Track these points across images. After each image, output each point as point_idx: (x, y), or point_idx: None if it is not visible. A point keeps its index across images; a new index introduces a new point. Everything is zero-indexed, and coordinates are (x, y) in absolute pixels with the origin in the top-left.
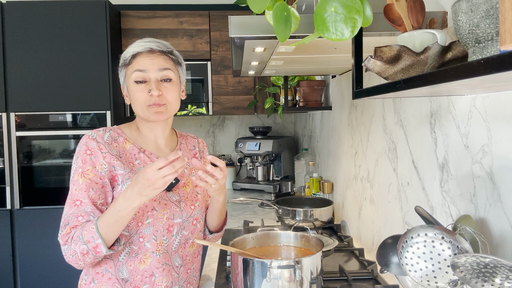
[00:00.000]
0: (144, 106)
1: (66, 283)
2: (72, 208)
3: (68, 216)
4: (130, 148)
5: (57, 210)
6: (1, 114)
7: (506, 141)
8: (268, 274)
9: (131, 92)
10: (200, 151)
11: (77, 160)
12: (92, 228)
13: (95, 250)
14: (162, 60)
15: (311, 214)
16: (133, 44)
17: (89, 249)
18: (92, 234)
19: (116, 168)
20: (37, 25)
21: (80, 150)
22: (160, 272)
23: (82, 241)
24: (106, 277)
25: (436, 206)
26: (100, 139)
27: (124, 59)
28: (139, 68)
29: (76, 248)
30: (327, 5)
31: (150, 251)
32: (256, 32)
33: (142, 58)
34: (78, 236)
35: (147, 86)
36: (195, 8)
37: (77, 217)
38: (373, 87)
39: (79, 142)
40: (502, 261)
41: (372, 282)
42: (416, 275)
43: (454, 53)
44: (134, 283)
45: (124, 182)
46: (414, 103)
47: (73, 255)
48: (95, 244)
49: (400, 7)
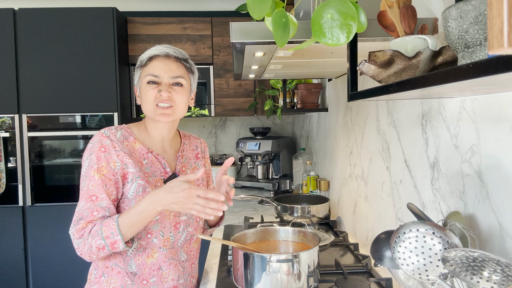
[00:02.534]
0: (153, 104)
1: (76, 276)
2: (88, 203)
3: (83, 210)
4: (139, 148)
5: (67, 206)
6: (14, 115)
7: (493, 141)
8: (267, 268)
9: (143, 91)
10: (202, 151)
11: (90, 156)
12: (113, 225)
13: (113, 246)
14: (175, 67)
15: (308, 210)
16: (151, 48)
17: (106, 244)
18: (112, 231)
19: (128, 166)
20: (47, 30)
21: (94, 147)
22: (167, 265)
23: (100, 236)
24: (115, 271)
25: (427, 203)
26: (113, 137)
27: (141, 60)
28: (153, 71)
29: (92, 242)
30: (323, 12)
31: (157, 247)
32: (256, 37)
33: (158, 62)
34: (97, 231)
35: (158, 87)
36: (198, 15)
37: (92, 212)
38: (367, 89)
39: (92, 139)
40: (490, 255)
41: (366, 275)
42: (408, 268)
43: (445, 58)
44: (143, 276)
45: (134, 180)
46: (406, 105)
47: (88, 248)
48: (113, 240)
49: (393, 13)
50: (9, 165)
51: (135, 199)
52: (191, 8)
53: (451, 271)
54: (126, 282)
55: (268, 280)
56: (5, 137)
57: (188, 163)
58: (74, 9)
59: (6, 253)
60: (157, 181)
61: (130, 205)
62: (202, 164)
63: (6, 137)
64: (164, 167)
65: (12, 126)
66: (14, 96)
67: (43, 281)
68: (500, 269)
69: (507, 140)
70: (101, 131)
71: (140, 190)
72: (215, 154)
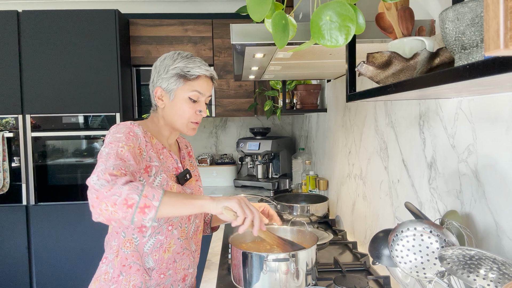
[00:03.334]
0: (187, 121)
1: (80, 275)
2: (117, 161)
3: (111, 165)
4: (156, 143)
5: (70, 205)
6: (18, 116)
7: (490, 141)
8: (264, 267)
9: (180, 105)
10: (191, 149)
11: (116, 134)
12: (159, 191)
13: (143, 210)
14: (211, 87)
15: (307, 209)
16: (196, 64)
17: (139, 203)
18: (155, 193)
19: (152, 159)
20: (51, 32)
21: (122, 129)
22: (181, 256)
23: (138, 192)
24: (134, 269)
25: (425, 202)
26: (138, 129)
27: (187, 73)
28: (201, 90)
29: (124, 191)
30: (322, 14)
31: (176, 237)
32: (256, 39)
33: (204, 82)
34: (137, 186)
35: (197, 105)
36: (199, 16)
37: (120, 169)
38: (366, 90)
39: (115, 126)
40: (486, 254)
41: (364, 273)
42: (406, 266)
43: (442, 59)
44: (160, 270)
45: (159, 173)
46: (404, 106)
47: (113, 195)
48: (149, 204)
49: (391, 15)
50: (13, 164)
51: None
52: (192, 10)
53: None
54: (145, 278)
55: (266, 279)
56: (9, 137)
57: (187, 160)
58: (77, 11)
59: (10, 252)
60: (171, 175)
61: None
62: (195, 162)
63: (10, 137)
64: (176, 163)
65: (16, 127)
66: (18, 97)
67: (47, 279)
68: (497, 267)
69: (503, 140)
70: (124, 122)
71: (164, 183)
72: (215, 154)
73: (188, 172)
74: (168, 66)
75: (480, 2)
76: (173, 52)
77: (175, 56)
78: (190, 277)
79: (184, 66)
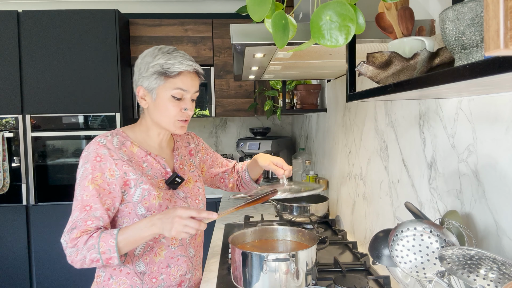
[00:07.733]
0: (173, 119)
1: (79, 275)
2: (82, 213)
3: (77, 220)
4: (137, 152)
5: (70, 205)
6: (18, 116)
7: (490, 141)
8: (264, 267)
9: (163, 103)
10: (195, 145)
11: (85, 165)
12: (112, 242)
13: (107, 261)
14: (197, 82)
15: (307, 209)
16: (177, 59)
17: (101, 259)
18: (109, 247)
19: (128, 174)
20: (51, 32)
21: (89, 156)
22: (175, 261)
23: (96, 251)
24: (124, 272)
25: (425, 202)
26: (110, 145)
27: (167, 70)
28: (184, 87)
29: (87, 254)
30: (322, 14)
31: (165, 245)
32: (256, 39)
33: (187, 78)
34: (94, 245)
35: (182, 103)
36: (199, 16)
37: (85, 221)
38: (366, 90)
39: (87, 146)
40: (486, 253)
41: (364, 273)
42: (406, 266)
43: (442, 59)
44: (152, 274)
45: (137, 185)
46: (404, 106)
47: (81, 259)
48: (109, 256)
49: (391, 15)
50: (13, 164)
51: (141, 202)
52: (192, 10)
53: (448, 269)
54: (136, 282)
55: (266, 279)
56: (9, 137)
57: (184, 160)
58: (77, 11)
59: (10, 251)
60: (159, 182)
61: (135, 209)
62: (196, 161)
63: (10, 137)
64: (164, 168)
65: (16, 127)
66: (18, 97)
67: (47, 279)
68: (497, 267)
69: (503, 140)
70: (96, 139)
71: (146, 194)
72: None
73: (177, 176)
74: (148, 64)
75: (480, 2)
76: (154, 48)
77: (156, 52)
78: (187, 283)
79: (164, 63)
